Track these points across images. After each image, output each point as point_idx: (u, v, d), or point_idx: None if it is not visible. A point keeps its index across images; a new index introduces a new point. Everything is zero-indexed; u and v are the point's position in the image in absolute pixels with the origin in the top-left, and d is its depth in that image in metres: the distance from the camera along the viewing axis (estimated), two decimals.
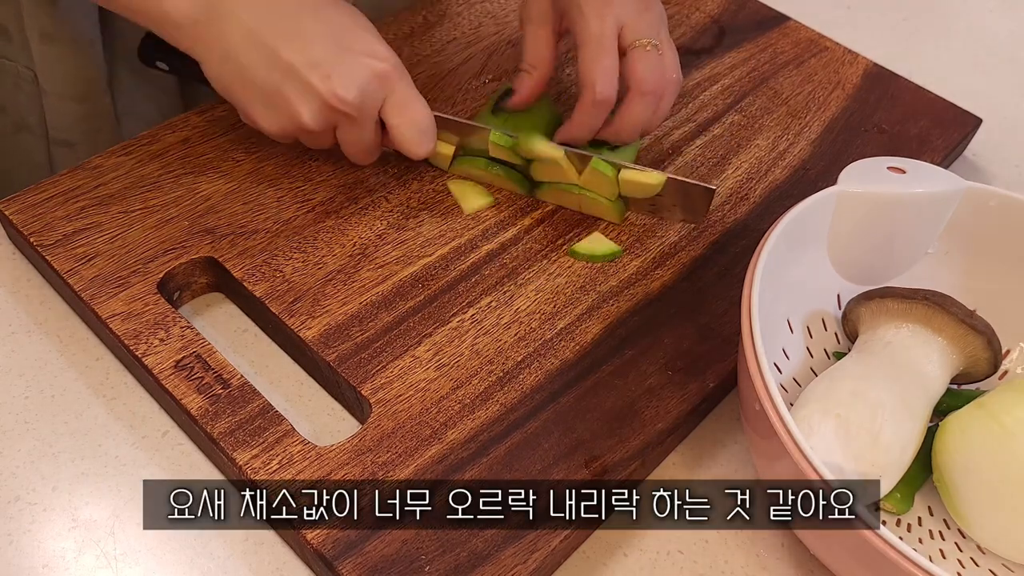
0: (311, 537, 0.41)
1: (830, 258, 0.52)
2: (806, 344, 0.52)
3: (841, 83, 0.70)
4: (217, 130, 0.59)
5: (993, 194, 0.52)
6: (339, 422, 0.49)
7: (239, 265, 0.52)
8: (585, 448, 0.46)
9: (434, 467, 0.45)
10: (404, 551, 0.42)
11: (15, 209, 0.52)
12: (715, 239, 0.58)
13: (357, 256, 0.53)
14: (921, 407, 0.46)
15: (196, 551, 0.43)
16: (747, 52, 0.72)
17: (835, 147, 0.65)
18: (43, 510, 0.44)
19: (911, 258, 0.54)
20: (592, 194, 0.56)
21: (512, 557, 0.42)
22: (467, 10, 0.71)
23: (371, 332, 0.50)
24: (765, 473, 0.45)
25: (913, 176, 0.52)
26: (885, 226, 0.52)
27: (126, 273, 0.50)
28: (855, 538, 0.37)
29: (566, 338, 0.51)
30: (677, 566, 0.46)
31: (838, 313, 0.53)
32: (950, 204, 0.52)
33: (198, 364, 0.47)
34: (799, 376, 0.50)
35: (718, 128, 0.65)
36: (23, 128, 0.68)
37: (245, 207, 0.55)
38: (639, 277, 0.55)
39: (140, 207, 0.54)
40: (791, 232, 0.47)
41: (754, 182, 0.62)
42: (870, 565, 0.38)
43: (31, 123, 0.68)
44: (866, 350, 0.49)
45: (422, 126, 0.54)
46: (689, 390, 0.49)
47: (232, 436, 0.44)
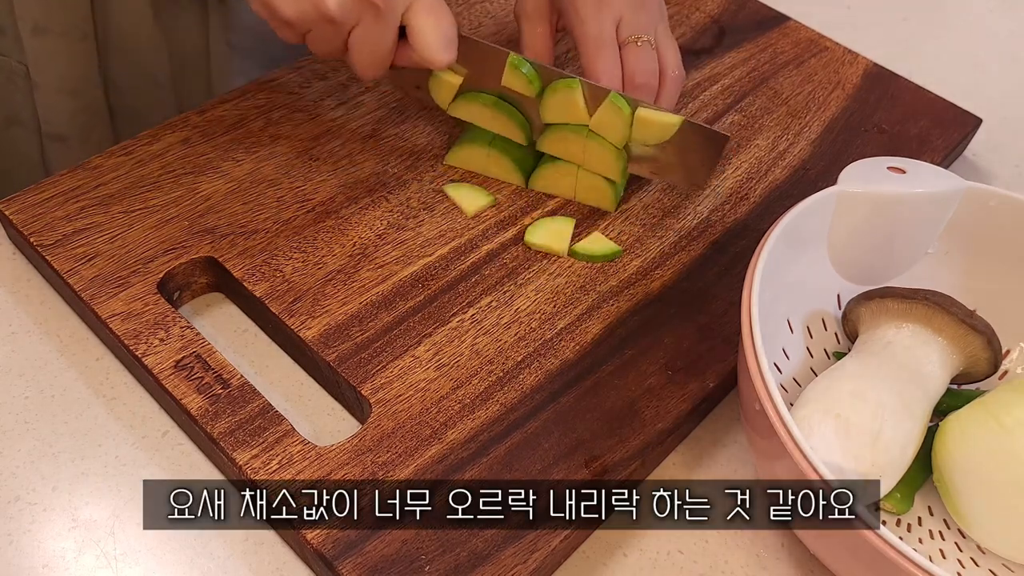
0: (311, 537, 0.41)
1: (830, 258, 0.52)
2: (806, 344, 0.52)
3: (841, 83, 0.70)
4: (217, 130, 0.59)
5: (993, 194, 0.52)
6: (339, 422, 0.49)
7: (239, 265, 0.52)
8: (585, 448, 0.46)
9: (434, 467, 0.45)
10: (404, 551, 0.42)
11: (15, 209, 0.52)
12: (715, 239, 0.58)
13: (357, 256, 0.53)
14: (921, 407, 0.46)
15: (196, 551, 0.43)
16: (747, 52, 0.72)
17: (835, 147, 0.65)
18: (43, 510, 0.44)
19: (911, 258, 0.54)
20: (591, 172, 0.56)
21: (512, 557, 0.42)
22: (467, 10, 0.71)
23: (371, 332, 0.50)
24: (765, 473, 0.45)
25: (913, 176, 0.52)
26: (885, 226, 0.52)
27: (126, 273, 0.50)
28: (855, 538, 0.37)
29: (566, 338, 0.51)
30: (677, 566, 0.46)
31: (838, 313, 0.53)
32: (950, 204, 0.52)
33: (198, 364, 0.47)
34: (799, 376, 0.50)
35: (718, 128, 0.65)
36: (15, 123, 0.68)
37: (245, 207, 0.55)
38: (639, 277, 0.55)
39: (140, 207, 0.54)
40: (791, 232, 0.47)
41: (754, 182, 0.62)
42: (870, 565, 0.38)
43: (23, 118, 0.68)
44: (866, 350, 0.49)
45: (448, 33, 0.52)
46: (689, 390, 0.49)
47: (232, 436, 0.44)
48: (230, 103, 0.60)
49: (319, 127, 0.60)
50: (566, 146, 0.57)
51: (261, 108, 0.60)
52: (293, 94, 0.62)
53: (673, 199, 0.60)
